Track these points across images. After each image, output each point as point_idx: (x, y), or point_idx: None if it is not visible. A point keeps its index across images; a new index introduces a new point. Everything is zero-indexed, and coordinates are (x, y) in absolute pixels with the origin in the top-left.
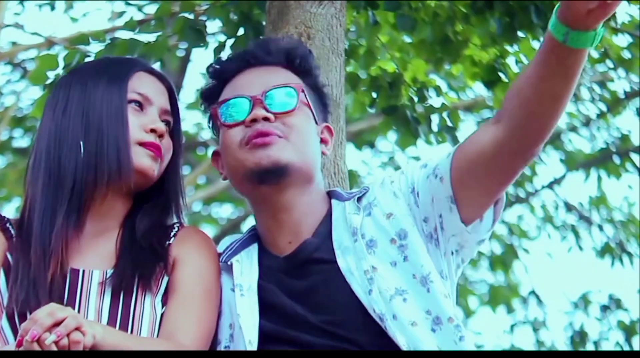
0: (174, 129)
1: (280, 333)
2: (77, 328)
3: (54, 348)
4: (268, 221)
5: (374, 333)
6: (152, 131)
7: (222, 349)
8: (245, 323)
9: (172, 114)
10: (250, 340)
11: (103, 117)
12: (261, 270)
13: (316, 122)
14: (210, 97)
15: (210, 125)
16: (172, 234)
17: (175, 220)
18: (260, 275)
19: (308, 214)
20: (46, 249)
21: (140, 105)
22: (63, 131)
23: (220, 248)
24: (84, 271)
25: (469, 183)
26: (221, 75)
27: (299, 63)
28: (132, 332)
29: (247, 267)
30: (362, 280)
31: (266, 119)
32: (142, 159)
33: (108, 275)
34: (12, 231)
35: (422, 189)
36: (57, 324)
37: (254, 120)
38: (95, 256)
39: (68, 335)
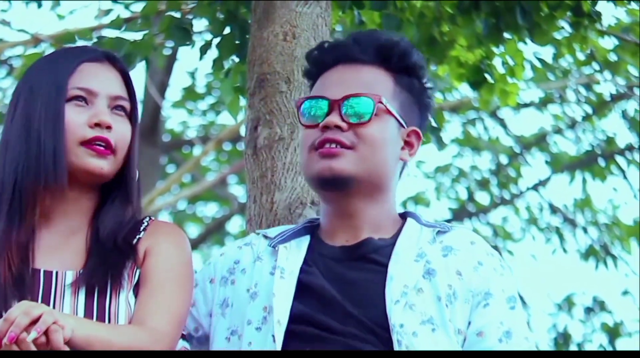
0: (132, 112)
1: (309, 316)
2: (54, 323)
3: (33, 347)
4: (331, 220)
5: (384, 340)
6: (97, 125)
7: (254, 330)
8: (278, 304)
9: (129, 96)
10: (279, 320)
11: (42, 121)
12: (310, 255)
13: (403, 126)
14: (310, 79)
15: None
16: (142, 228)
17: (132, 211)
18: (306, 260)
19: (372, 222)
20: None
21: (85, 100)
22: (10, 138)
23: (271, 233)
24: (57, 272)
25: None
26: (318, 65)
27: (395, 62)
28: None
29: (294, 254)
30: (398, 290)
31: (338, 127)
32: (85, 160)
33: (80, 275)
34: None
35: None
36: (35, 322)
37: (327, 126)
38: (67, 255)
39: (46, 331)
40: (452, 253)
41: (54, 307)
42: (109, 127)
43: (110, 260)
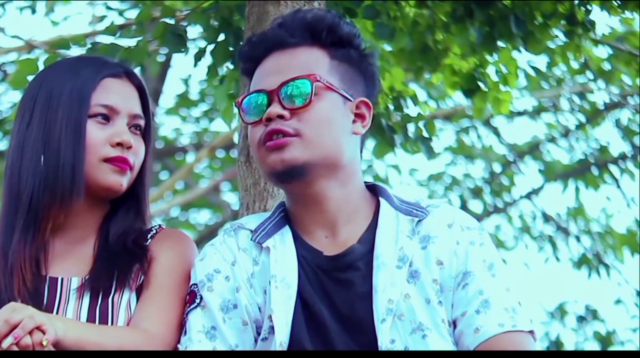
0: (146, 129)
1: (306, 342)
2: (38, 328)
3: (15, 348)
4: (300, 210)
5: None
6: (119, 144)
7: (260, 340)
8: (278, 322)
9: (144, 113)
10: (281, 341)
11: (62, 135)
12: (298, 258)
13: (350, 99)
14: (249, 76)
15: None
16: (150, 236)
17: (142, 223)
18: (299, 265)
19: (343, 207)
20: (7, 266)
21: (107, 117)
22: (25, 145)
23: (248, 224)
24: (62, 279)
25: None
26: (251, 60)
27: (325, 36)
28: None
29: (281, 254)
30: (383, 306)
31: (280, 116)
32: (107, 176)
33: (87, 279)
34: None
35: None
36: (15, 327)
37: (269, 119)
38: (74, 263)
39: (31, 332)
40: (430, 243)
41: (57, 312)
42: (129, 147)
43: (117, 262)
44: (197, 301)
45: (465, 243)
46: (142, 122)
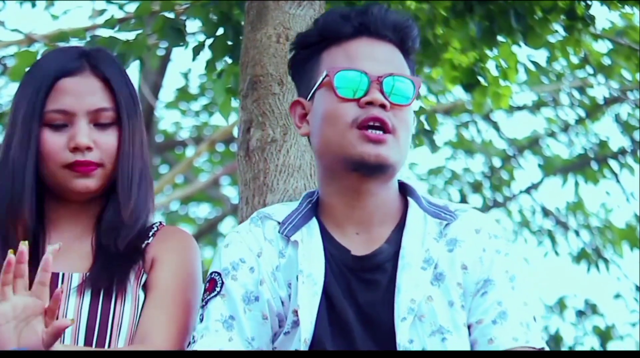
0: (119, 116)
1: (328, 342)
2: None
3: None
4: (339, 203)
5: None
6: (75, 148)
7: (282, 335)
8: (304, 319)
9: (114, 101)
10: (305, 338)
11: (17, 150)
12: (325, 255)
13: None
14: (309, 46)
15: (291, 72)
16: (151, 233)
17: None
18: (326, 262)
19: (381, 206)
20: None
21: (62, 123)
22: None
23: (275, 215)
24: (63, 274)
25: None
26: (333, 33)
27: (410, 45)
28: (111, 330)
29: (308, 249)
30: (405, 305)
31: (382, 106)
32: (71, 182)
33: (86, 278)
34: None
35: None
36: None
37: (371, 103)
38: (74, 258)
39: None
40: (457, 246)
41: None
42: (89, 148)
43: (115, 264)
44: (218, 289)
45: (491, 251)
46: (108, 114)
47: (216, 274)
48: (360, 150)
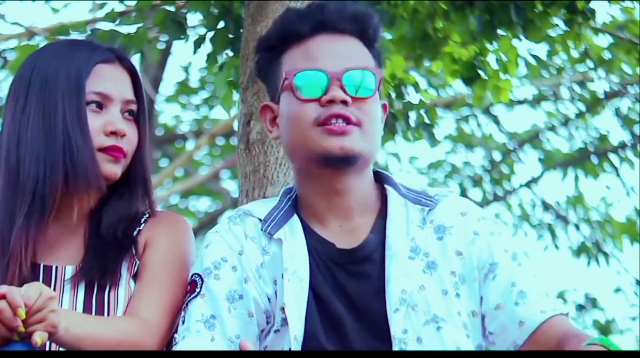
0: (139, 113)
1: (320, 338)
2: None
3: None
4: (318, 200)
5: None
6: (113, 133)
7: (272, 333)
8: (292, 316)
9: (136, 98)
10: (296, 335)
11: (67, 122)
12: (310, 254)
13: (379, 100)
14: (270, 49)
15: (261, 75)
16: (143, 220)
17: (146, 207)
18: (310, 258)
19: (360, 198)
20: (5, 250)
21: (100, 105)
22: (22, 130)
23: (255, 211)
24: (56, 267)
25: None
26: (291, 34)
27: (371, 35)
28: None
29: (292, 246)
30: (396, 296)
31: (344, 102)
32: (103, 166)
33: (79, 269)
34: None
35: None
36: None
37: (332, 101)
38: (67, 250)
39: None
40: (446, 233)
41: None
42: (123, 136)
43: (108, 254)
44: (198, 290)
45: (485, 234)
46: (134, 107)
47: (197, 276)
48: (324, 144)
